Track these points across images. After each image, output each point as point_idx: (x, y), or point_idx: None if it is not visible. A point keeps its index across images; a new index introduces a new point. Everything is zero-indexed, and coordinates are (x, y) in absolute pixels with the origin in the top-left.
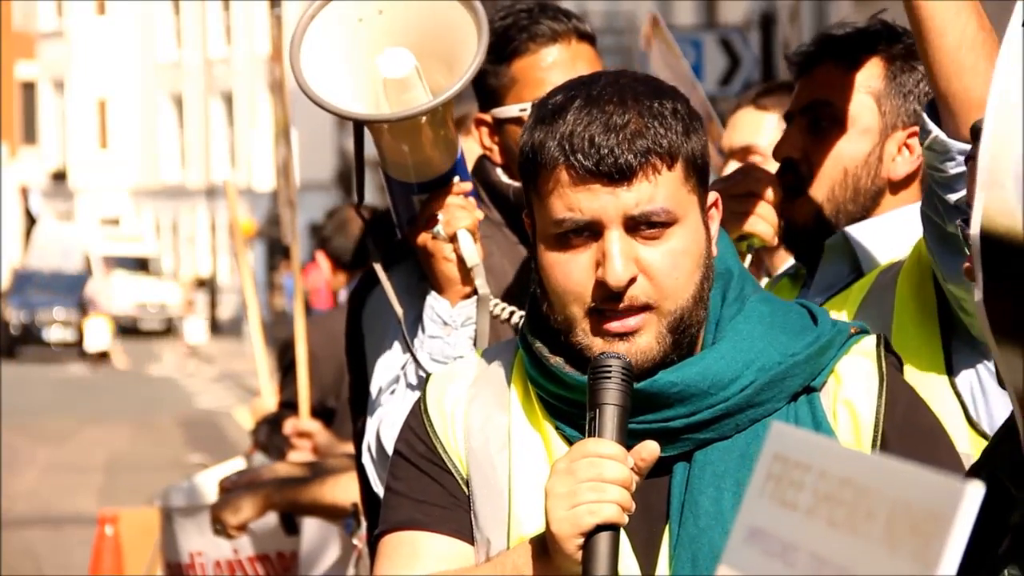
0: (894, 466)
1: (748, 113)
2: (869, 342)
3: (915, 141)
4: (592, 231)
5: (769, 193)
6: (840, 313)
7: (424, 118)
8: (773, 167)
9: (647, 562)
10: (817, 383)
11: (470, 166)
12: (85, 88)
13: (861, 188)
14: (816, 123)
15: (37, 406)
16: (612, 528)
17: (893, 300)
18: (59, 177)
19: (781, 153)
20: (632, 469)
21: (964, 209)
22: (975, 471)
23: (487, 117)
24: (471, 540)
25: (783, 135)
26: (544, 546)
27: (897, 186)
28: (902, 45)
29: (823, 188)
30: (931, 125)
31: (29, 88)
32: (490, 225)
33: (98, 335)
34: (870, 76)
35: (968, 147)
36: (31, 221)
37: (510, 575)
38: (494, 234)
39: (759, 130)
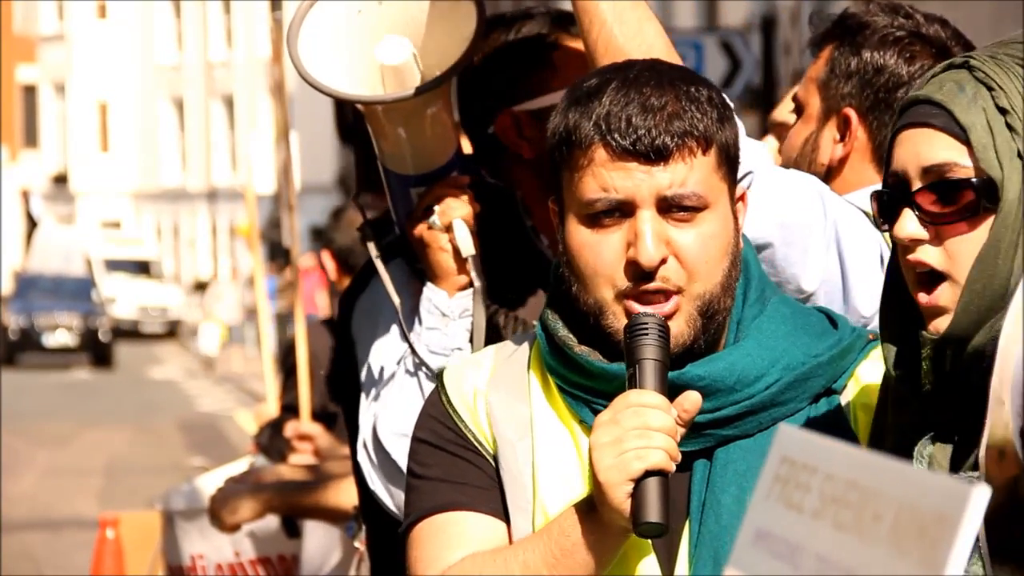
0: (901, 468)
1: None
2: None
3: (848, 123)
4: (624, 211)
5: None
6: None
7: (419, 104)
8: None
9: (667, 558)
10: (838, 385)
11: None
12: (86, 91)
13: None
14: (797, 118)
15: (37, 409)
16: (660, 475)
17: None
18: (60, 180)
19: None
20: (675, 420)
21: None
22: None
23: (519, 112)
24: (507, 520)
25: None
26: (589, 506)
27: (834, 171)
28: (854, 30)
29: None
30: None
31: (30, 91)
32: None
33: (210, 340)
34: (819, 64)
35: None
36: (32, 224)
37: (557, 540)
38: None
39: None
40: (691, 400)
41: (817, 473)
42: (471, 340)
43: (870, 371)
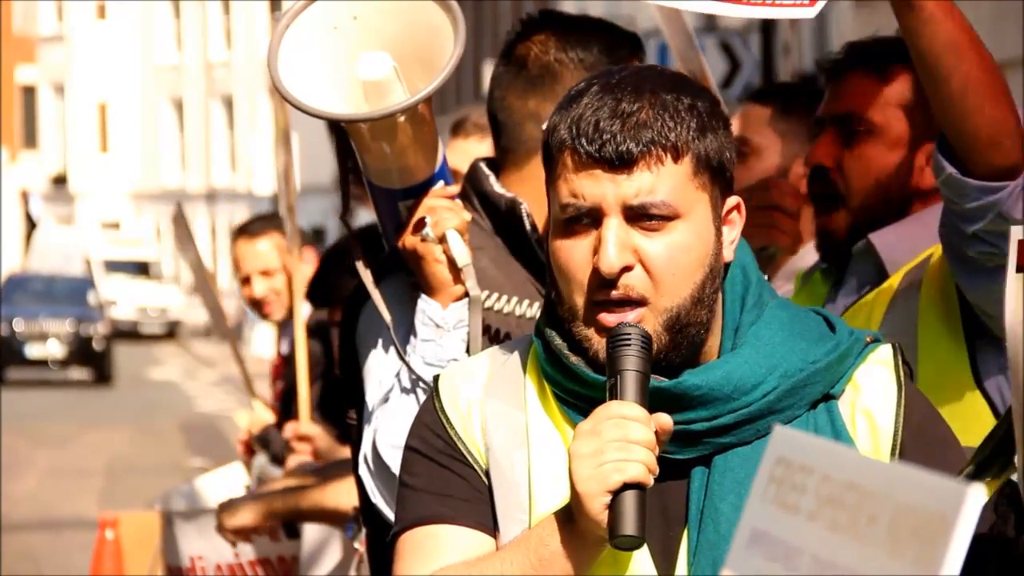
0: (896, 469)
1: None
2: (886, 351)
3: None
4: (593, 219)
5: (791, 206)
6: (868, 315)
7: (403, 118)
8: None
9: (665, 565)
10: (836, 391)
11: (464, 170)
12: (85, 92)
13: (892, 198)
14: (849, 134)
15: (37, 410)
16: (638, 488)
17: (918, 301)
18: (59, 181)
19: (813, 160)
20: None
21: (983, 238)
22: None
23: None
24: (494, 532)
25: (815, 143)
26: (568, 515)
27: (926, 194)
28: None
29: (856, 199)
30: (944, 163)
31: (29, 92)
32: (480, 233)
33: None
34: (901, 87)
35: (984, 183)
36: (31, 225)
37: (535, 549)
38: (485, 243)
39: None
40: (661, 421)
41: (813, 474)
42: (467, 351)
43: (868, 375)
